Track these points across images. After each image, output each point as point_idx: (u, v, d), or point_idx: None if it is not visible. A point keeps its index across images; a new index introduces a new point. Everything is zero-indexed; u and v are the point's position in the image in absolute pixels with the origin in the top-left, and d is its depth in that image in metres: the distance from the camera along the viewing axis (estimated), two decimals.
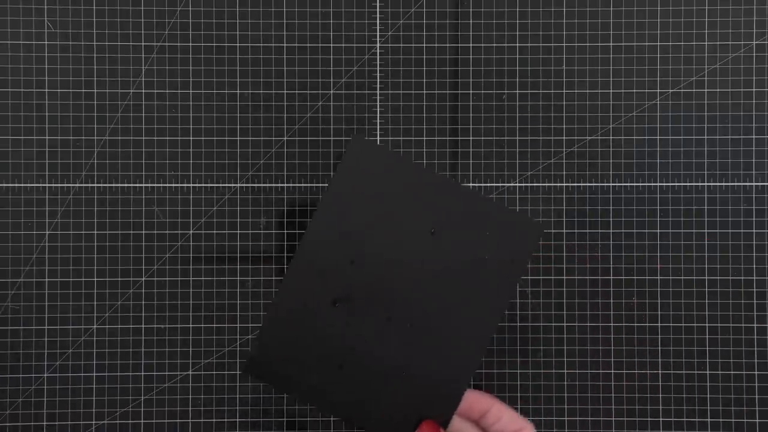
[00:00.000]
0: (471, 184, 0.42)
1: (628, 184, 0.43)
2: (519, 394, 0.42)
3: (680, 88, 0.43)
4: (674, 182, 0.43)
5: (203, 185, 0.42)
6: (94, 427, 0.42)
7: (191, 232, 0.42)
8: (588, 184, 0.43)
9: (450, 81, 0.43)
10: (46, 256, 0.42)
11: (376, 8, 0.43)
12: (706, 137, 0.43)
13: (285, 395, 0.42)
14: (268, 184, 0.43)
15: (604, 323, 0.43)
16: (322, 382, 0.36)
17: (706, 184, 0.43)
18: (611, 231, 0.43)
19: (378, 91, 0.43)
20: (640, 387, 0.42)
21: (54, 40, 0.42)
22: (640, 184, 0.43)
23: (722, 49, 0.43)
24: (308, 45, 0.43)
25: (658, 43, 0.43)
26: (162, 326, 0.42)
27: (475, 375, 0.42)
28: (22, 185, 0.42)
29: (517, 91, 0.43)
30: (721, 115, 0.43)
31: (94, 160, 0.42)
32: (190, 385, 0.42)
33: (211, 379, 0.42)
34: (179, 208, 0.42)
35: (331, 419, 0.42)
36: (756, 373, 0.42)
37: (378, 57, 0.43)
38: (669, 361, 0.42)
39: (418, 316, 0.37)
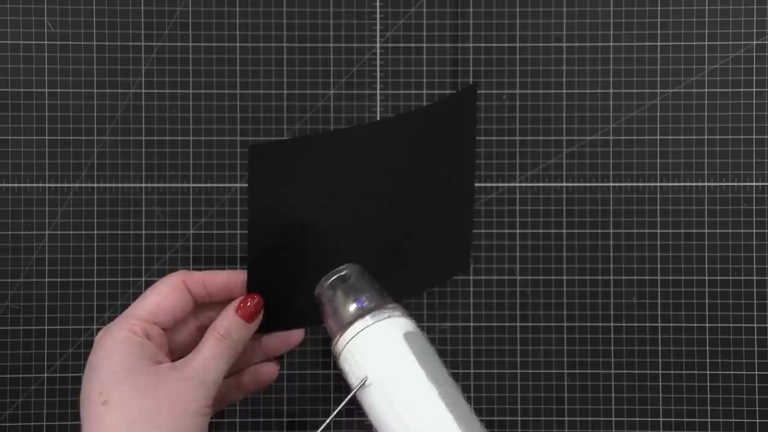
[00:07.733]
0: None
1: (628, 184, 0.43)
2: (519, 394, 0.42)
3: (680, 88, 0.43)
4: (674, 182, 0.43)
5: (203, 185, 0.42)
6: None
7: (191, 232, 0.42)
8: (588, 184, 0.43)
9: (450, 81, 0.43)
10: (46, 256, 0.42)
11: (376, 8, 0.43)
12: (706, 137, 0.43)
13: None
14: None
15: (604, 323, 0.42)
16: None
17: (706, 184, 0.43)
18: (611, 231, 0.43)
19: (378, 91, 0.43)
20: (640, 387, 0.42)
21: (54, 40, 0.42)
22: (640, 184, 0.43)
23: (722, 49, 0.43)
24: (308, 45, 0.43)
25: (658, 43, 0.43)
26: None
27: (475, 374, 0.42)
28: (22, 185, 0.42)
29: (517, 91, 0.43)
30: (721, 115, 0.43)
31: (94, 160, 0.42)
32: None
33: None
34: (179, 208, 0.42)
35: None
36: (756, 373, 0.42)
37: (378, 57, 0.43)
38: (669, 361, 0.42)
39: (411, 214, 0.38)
